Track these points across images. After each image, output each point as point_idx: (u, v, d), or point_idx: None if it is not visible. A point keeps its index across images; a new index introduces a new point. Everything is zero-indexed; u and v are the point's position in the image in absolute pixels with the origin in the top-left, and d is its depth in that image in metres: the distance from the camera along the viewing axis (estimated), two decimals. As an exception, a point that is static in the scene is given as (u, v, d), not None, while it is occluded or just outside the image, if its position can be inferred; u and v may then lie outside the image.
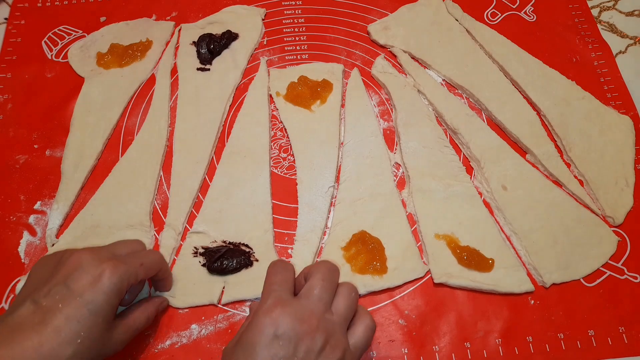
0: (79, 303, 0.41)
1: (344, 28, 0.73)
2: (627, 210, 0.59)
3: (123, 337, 0.46)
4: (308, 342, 0.40)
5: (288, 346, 0.39)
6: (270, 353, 0.39)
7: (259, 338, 0.40)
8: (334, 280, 0.44)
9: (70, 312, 0.41)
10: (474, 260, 0.55)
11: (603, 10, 0.75)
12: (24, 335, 0.39)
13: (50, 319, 0.40)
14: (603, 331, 0.52)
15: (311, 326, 0.40)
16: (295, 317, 0.40)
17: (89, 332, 0.41)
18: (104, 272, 0.43)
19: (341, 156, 0.63)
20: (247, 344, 0.40)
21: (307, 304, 0.42)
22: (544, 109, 0.65)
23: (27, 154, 0.63)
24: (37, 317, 0.40)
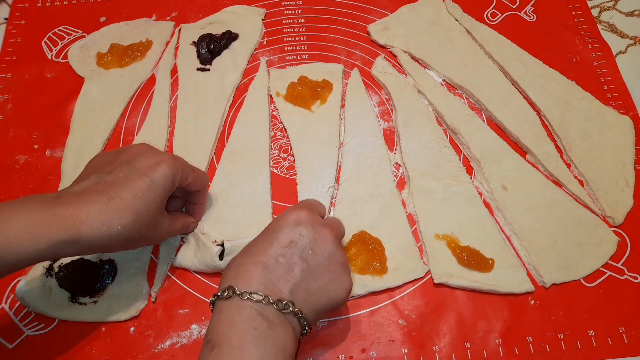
0: (141, 179, 0.45)
1: (344, 28, 0.73)
2: (627, 210, 0.59)
3: (167, 229, 0.50)
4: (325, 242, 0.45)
5: (306, 238, 0.45)
6: (290, 238, 0.44)
7: (283, 224, 0.45)
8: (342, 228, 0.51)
9: (133, 185, 0.44)
10: (474, 260, 0.55)
11: (603, 10, 0.75)
12: (91, 199, 0.43)
13: (114, 189, 0.44)
14: (603, 331, 0.52)
15: (330, 232, 0.46)
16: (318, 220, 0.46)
17: (147, 206, 0.45)
18: (164, 159, 0.47)
19: (341, 156, 0.63)
20: (272, 227, 0.46)
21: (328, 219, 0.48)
22: (544, 109, 0.65)
23: (27, 154, 0.63)
24: (100, 187, 0.44)
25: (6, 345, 0.52)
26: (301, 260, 0.44)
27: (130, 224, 0.44)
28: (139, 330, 0.52)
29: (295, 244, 0.44)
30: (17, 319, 0.53)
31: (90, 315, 0.52)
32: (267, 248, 0.44)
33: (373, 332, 0.52)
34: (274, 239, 0.44)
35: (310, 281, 0.44)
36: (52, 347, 0.52)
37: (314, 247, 0.45)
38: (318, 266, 0.44)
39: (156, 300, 0.54)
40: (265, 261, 0.43)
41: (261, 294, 0.41)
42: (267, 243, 0.44)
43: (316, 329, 0.53)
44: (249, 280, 0.42)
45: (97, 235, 0.42)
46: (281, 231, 0.45)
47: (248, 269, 0.43)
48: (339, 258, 0.46)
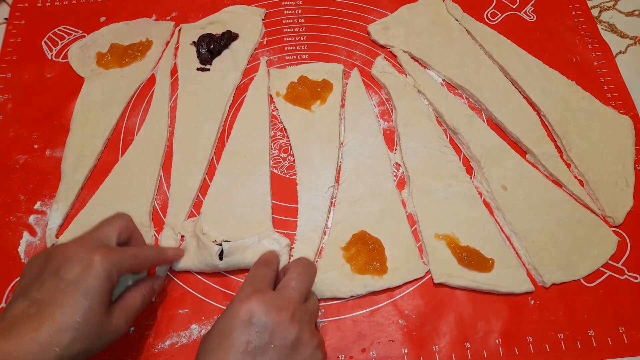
0: (72, 290, 0.41)
1: (344, 28, 0.73)
2: (627, 210, 0.59)
3: (122, 320, 0.45)
4: (284, 332, 0.42)
5: (264, 333, 0.41)
6: (246, 339, 0.41)
7: (235, 323, 0.41)
8: (311, 274, 0.47)
9: (64, 300, 0.41)
10: (474, 260, 0.55)
11: (603, 10, 0.75)
12: (22, 328, 0.39)
13: (45, 310, 0.40)
14: (603, 331, 0.52)
15: (287, 315, 0.42)
16: (272, 306, 0.42)
17: (85, 317, 0.41)
18: (94, 259, 0.43)
19: (341, 156, 0.63)
20: (223, 330, 0.42)
21: (283, 295, 0.44)
22: (544, 109, 0.65)
23: (27, 154, 0.63)
24: (32, 310, 0.40)
25: (6, 345, 0.51)
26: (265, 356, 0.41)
27: (70, 343, 0.40)
28: (139, 330, 0.52)
29: (253, 345, 0.41)
30: (17, 319, 0.53)
31: (90, 315, 0.52)
32: (225, 356, 0.40)
33: (373, 332, 0.52)
34: (229, 345, 0.41)
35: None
36: (52, 347, 0.51)
37: (274, 339, 0.41)
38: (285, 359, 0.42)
39: (156, 300, 0.54)
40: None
41: None
42: (222, 352, 0.41)
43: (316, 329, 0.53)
44: None
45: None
46: (234, 333, 0.41)
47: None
48: (303, 339, 0.43)
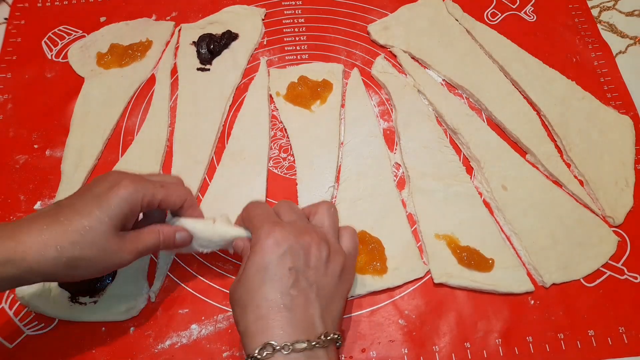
0: (93, 201, 0.43)
1: (344, 28, 0.73)
2: (627, 210, 0.59)
3: (128, 248, 0.44)
4: (316, 251, 0.43)
5: (300, 258, 0.42)
6: (287, 267, 0.41)
7: (270, 257, 0.41)
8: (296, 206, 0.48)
9: (81, 207, 0.42)
10: (474, 260, 0.55)
11: (603, 10, 0.75)
12: (32, 226, 0.41)
13: (61, 212, 0.42)
14: (603, 331, 0.52)
15: (313, 237, 0.43)
16: (295, 232, 0.43)
17: (93, 226, 0.42)
18: (122, 180, 0.44)
19: (341, 156, 0.63)
20: (259, 267, 0.41)
21: (297, 223, 0.45)
22: (544, 109, 0.65)
23: (27, 154, 0.63)
24: (52, 211, 0.43)
25: (6, 345, 0.52)
26: (308, 283, 0.41)
27: (71, 246, 0.41)
28: (139, 330, 0.52)
29: (295, 269, 0.41)
30: (17, 319, 0.53)
31: (90, 315, 0.52)
32: (273, 288, 0.40)
33: (373, 332, 0.52)
34: (271, 276, 0.41)
35: (327, 295, 0.42)
36: (52, 347, 0.52)
37: (309, 261, 0.42)
38: (323, 278, 0.42)
39: (156, 300, 0.54)
40: (283, 303, 0.40)
41: (303, 342, 0.39)
42: (268, 284, 0.41)
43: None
44: (280, 330, 0.39)
45: (34, 256, 0.40)
46: (272, 264, 0.41)
47: (271, 320, 0.40)
48: (334, 255, 0.44)
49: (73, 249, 0.41)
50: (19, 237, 0.40)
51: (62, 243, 0.41)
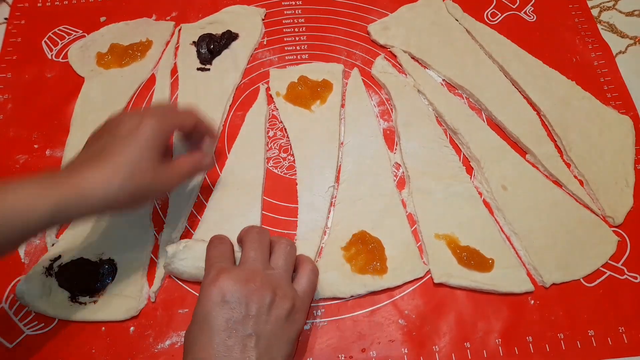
0: (125, 141, 0.46)
1: (344, 28, 0.73)
2: (627, 210, 0.59)
3: (171, 174, 0.50)
4: (257, 299, 0.43)
5: (240, 307, 0.43)
6: (225, 318, 0.42)
7: (210, 307, 0.43)
8: (265, 241, 0.49)
9: (118, 148, 0.46)
10: (474, 260, 0.55)
11: (603, 10, 0.75)
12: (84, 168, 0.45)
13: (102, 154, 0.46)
14: (603, 331, 0.52)
15: (256, 284, 0.44)
16: (239, 280, 0.44)
17: (138, 158, 0.46)
18: (144, 118, 0.48)
19: (341, 156, 0.63)
20: (200, 317, 0.43)
21: (246, 267, 0.46)
22: (544, 109, 0.65)
23: (27, 154, 0.63)
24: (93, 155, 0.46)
25: (6, 345, 0.51)
26: (246, 332, 0.42)
27: (128, 177, 0.45)
28: (139, 330, 0.52)
29: (232, 320, 0.42)
30: (16, 319, 0.53)
31: (90, 315, 0.52)
32: (210, 339, 0.42)
33: (373, 332, 0.52)
34: (209, 328, 0.42)
35: (267, 341, 0.43)
36: (52, 346, 0.51)
37: (251, 309, 0.43)
38: (264, 326, 0.43)
39: (156, 300, 0.54)
40: (216, 354, 0.41)
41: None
42: (205, 336, 0.42)
43: (316, 329, 0.53)
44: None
45: (99, 191, 0.44)
46: (211, 315, 0.42)
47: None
48: (280, 300, 0.44)
49: (130, 181, 0.45)
50: (83, 174, 0.44)
51: (121, 176, 0.45)
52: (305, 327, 0.53)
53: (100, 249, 0.55)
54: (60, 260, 0.54)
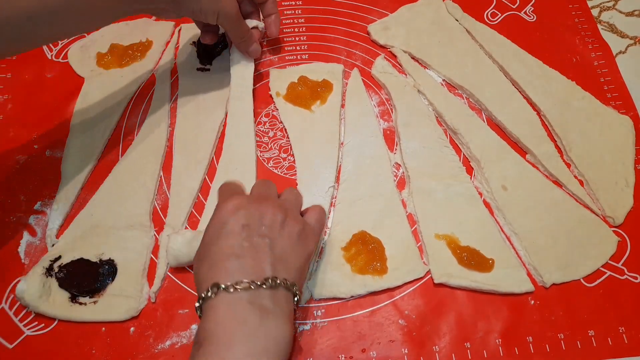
0: None
1: (344, 28, 0.73)
2: (627, 210, 0.59)
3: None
4: (271, 215, 0.45)
5: (254, 217, 0.44)
6: (240, 223, 0.44)
7: (225, 217, 0.44)
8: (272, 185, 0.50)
9: None
10: (474, 260, 0.55)
11: (603, 10, 0.75)
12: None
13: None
14: (603, 331, 0.52)
15: (270, 204, 0.46)
16: (255, 200, 0.46)
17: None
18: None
19: (341, 156, 0.63)
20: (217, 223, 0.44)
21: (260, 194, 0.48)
22: (544, 109, 0.65)
23: (27, 154, 0.63)
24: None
25: (6, 346, 0.51)
26: (262, 237, 0.44)
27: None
28: (139, 330, 0.52)
29: (249, 226, 0.44)
30: (17, 319, 0.53)
31: (90, 315, 0.52)
32: (226, 241, 0.43)
33: (373, 332, 0.52)
34: (227, 232, 0.44)
35: (281, 250, 0.44)
36: (52, 347, 0.52)
37: (264, 220, 0.44)
38: (278, 235, 0.44)
39: (156, 300, 0.54)
40: (234, 252, 0.43)
41: (247, 281, 0.41)
42: (222, 238, 0.44)
43: (316, 329, 0.53)
44: (228, 273, 0.41)
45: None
46: (228, 222, 0.44)
47: (221, 266, 0.42)
48: (290, 221, 0.46)
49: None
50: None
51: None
52: (305, 327, 0.53)
53: (100, 249, 0.55)
54: (60, 260, 0.54)
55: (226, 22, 0.59)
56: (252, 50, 0.64)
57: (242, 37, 0.62)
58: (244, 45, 0.63)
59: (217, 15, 0.57)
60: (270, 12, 0.64)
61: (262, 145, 0.64)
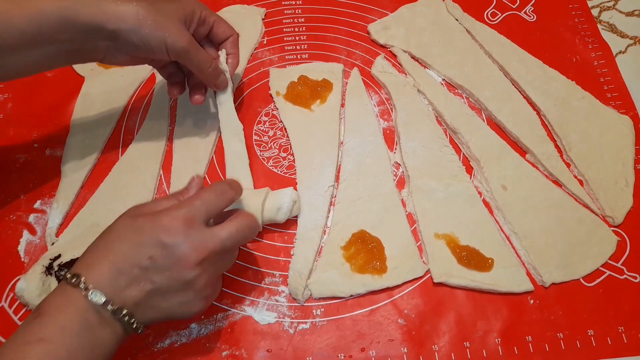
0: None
1: (344, 28, 0.73)
2: (626, 210, 0.59)
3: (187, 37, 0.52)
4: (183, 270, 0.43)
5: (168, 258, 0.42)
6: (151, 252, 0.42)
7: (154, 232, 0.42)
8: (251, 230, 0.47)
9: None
10: (474, 259, 0.55)
11: (603, 10, 0.75)
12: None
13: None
14: (602, 331, 0.52)
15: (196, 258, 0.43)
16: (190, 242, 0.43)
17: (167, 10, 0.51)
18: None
19: (341, 156, 0.63)
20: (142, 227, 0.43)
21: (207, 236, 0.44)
22: (544, 108, 0.65)
23: (27, 154, 0.63)
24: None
25: (6, 344, 0.52)
26: (154, 279, 0.42)
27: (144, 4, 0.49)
28: (139, 329, 0.52)
29: (153, 261, 0.42)
30: (16, 318, 0.53)
31: (90, 314, 0.52)
32: (128, 253, 0.42)
33: (372, 331, 0.52)
34: (136, 245, 0.42)
35: (157, 300, 0.43)
36: (52, 345, 0.51)
37: (172, 270, 0.42)
38: (169, 289, 0.43)
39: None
40: (121, 267, 0.42)
41: (104, 298, 0.41)
42: (130, 247, 0.42)
43: (316, 328, 0.53)
44: (99, 278, 0.41)
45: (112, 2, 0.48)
46: (146, 238, 0.42)
47: (102, 266, 0.42)
48: (196, 285, 0.44)
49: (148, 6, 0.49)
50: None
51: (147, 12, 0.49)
52: (305, 326, 0.53)
53: (100, 248, 0.55)
54: (60, 259, 0.54)
55: (179, 54, 0.52)
56: (220, 83, 0.58)
57: (203, 70, 0.55)
58: (211, 77, 0.56)
59: (164, 46, 0.51)
60: (229, 51, 0.59)
61: (262, 145, 0.64)
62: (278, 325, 0.53)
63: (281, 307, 0.54)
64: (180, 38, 0.51)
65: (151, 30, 0.49)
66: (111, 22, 0.48)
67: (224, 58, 0.58)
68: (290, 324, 0.53)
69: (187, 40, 0.52)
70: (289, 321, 0.53)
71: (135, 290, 0.42)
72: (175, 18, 0.51)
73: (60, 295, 0.41)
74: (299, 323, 0.53)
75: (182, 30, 0.52)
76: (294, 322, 0.53)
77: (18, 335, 0.40)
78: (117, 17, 0.48)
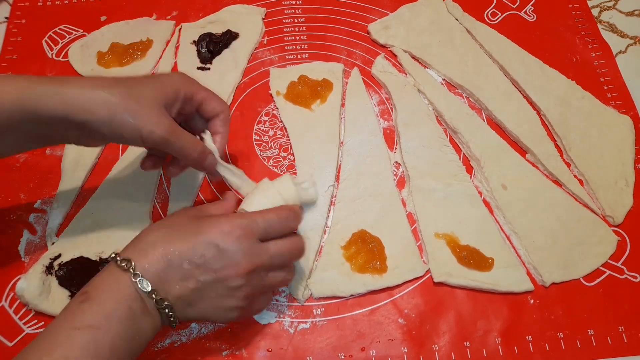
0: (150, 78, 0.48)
1: (344, 27, 0.73)
2: (626, 210, 0.59)
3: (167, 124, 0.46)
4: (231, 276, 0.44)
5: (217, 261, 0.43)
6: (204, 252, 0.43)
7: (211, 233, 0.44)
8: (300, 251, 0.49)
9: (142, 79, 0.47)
10: (474, 259, 0.55)
11: (603, 10, 0.75)
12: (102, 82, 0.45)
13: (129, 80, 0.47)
14: (602, 330, 0.52)
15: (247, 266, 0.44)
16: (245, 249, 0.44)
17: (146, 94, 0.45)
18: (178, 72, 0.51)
19: (341, 155, 0.63)
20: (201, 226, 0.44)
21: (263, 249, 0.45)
22: (544, 108, 0.65)
23: (27, 153, 0.63)
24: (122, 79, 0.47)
25: (6, 344, 0.52)
26: (200, 278, 0.43)
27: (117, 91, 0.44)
28: (139, 328, 0.52)
29: (204, 260, 0.43)
30: (16, 317, 0.53)
31: (90, 313, 0.52)
32: (182, 248, 0.43)
33: (373, 331, 0.52)
34: (192, 242, 0.43)
35: (197, 299, 0.44)
36: (52, 345, 0.51)
37: (220, 272, 0.43)
38: (211, 291, 0.44)
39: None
40: (172, 260, 0.42)
41: (151, 287, 0.41)
42: (185, 243, 0.43)
43: (316, 328, 0.53)
44: (148, 266, 0.42)
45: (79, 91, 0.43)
46: (203, 237, 0.43)
47: (155, 256, 0.42)
48: (240, 293, 0.44)
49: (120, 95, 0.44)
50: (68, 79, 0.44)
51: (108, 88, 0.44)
52: (305, 325, 0.53)
53: (100, 247, 0.55)
54: (60, 258, 0.54)
55: (157, 144, 0.46)
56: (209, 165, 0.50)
57: (188, 156, 0.48)
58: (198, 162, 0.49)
59: (140, 138, 0.45)
60: (217, 130, 0.51)
61: (262, 144, 0.64)
62: (278, 324, 0.53)
63: (281, 307, 0.54)
64: (158, 127, 0.45)
65: (123, 120, 0.44)
66: (77, 114, 0.43)
67: (209, 139, 0.51)
68: (291, 323, 0.53)
69: (166, 129, 0.45)
70: (289, 321, 0.53)
71: (180, 284, 0.43)
72: (153, 103, 0.45)
73: (109, 278, 0.42)
74: (299, 323, 0.53)
75: (160, 117, 0.45)
76: (294, 321, 0.53)
77: (67, 319, 0.40)
78: (83, 108, 0.43)
